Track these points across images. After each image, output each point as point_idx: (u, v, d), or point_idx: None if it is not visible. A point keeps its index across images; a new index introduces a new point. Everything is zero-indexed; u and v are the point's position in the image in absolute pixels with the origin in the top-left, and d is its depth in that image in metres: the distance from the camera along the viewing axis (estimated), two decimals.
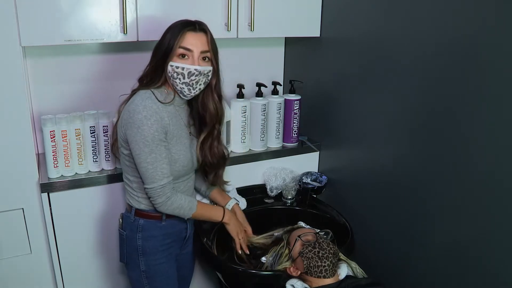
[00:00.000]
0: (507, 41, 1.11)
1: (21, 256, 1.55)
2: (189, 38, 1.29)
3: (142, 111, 1.25)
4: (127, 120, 1.28)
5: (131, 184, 1.39)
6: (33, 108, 1.65)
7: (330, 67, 1.82)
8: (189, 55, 1.29)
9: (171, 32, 1.30)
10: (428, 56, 1.35)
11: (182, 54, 1.29)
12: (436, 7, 1.30)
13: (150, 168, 1.28)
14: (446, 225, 1.36)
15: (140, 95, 1.30)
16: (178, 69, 1.29)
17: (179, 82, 1.31)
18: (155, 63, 1.32)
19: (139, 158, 1.28)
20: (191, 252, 1.59)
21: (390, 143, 1.56)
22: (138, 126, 1.25)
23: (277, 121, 1.90)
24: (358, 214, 1.72)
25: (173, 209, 1.35)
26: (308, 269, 1.31)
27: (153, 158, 1.27)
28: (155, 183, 1.29)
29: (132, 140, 1.27)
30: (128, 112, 1.28)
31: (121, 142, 1.34)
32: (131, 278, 1.46)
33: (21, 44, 1.35)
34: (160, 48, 1.31)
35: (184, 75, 1.29)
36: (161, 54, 1.30)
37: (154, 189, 1.30)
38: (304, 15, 1.80)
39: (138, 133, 1.25)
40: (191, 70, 1.29)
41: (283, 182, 1.85)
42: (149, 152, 1.26)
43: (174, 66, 1.29)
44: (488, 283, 1.25)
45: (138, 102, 1.27)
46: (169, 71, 1.30)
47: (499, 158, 1.17)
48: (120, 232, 1.44)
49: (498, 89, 1.15)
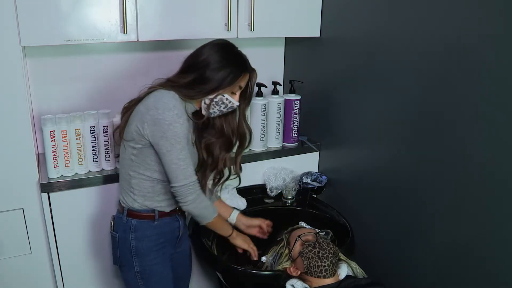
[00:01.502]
0: (507, 41, 1.11)
1: (21, 256, 1.55)
2: (246, 80, 1.37)
3: (173, 109, 1.25)
4: (154, 116, 1.25)
5: (130, 180, 1.36)
6: (33, 108, 1.65)
7: (330, 67, 1.82)
8: (237, 92, 1.37)
9: (235, 66, 1.33)
10: (429, 56, 1.35)
11: (235, 91, 1.36)
12: (436, 7, 1.30)
13: (182, 164, 1.28)
14: (446, 225, 1.36)
15: (165, 94, 1.29)
16: (226, 101, 1.34)
17: (216, 108, 1.35)
18: (205, 84, 1.32)
19: (170, 155, 1.27)
20: (186, 250, 1.59)
21: (390, 143, 1.56)
22: (170, 123, 1.24)
23: (277, 121, 1.90)
24: (358, 214, 1.72)
25: (200, 208, 1.35)
26: (308, 269, 1.31)
27: (185, 155, 1.28)
28: (187, 180, 1.29)
29: (162, 136, 1.25)
30: (156, 109, 1.25)
31: (133, 136, 1.31)
32: (126, 280, 1.45)
33: (21, 44, 1.35)
34: (217, 73, 1.31)
35: (226, 106, 1.36)
36: (217, 82, 1.31)
37: (186, 186, 1.29)
38: (304, 15, 1.80)
39: (170, 130, 1.24)
40: (234, 106, 1.37)
41: (283, 182, 1.85)
42: (180, 149, 1.27)
43: (225, 98, 1.34)
44: (488, 283, 1.25)
45: (168, 100, 1.27)
46: (217, 99, 1.33)
47: (499, 158, 1.17)
48: (112, 234, 1.42)
49: (498, 89, 1.15)
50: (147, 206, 1.38)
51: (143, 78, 1.75)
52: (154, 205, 1.38)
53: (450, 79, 1.28)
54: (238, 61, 1.35)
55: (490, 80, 1.17)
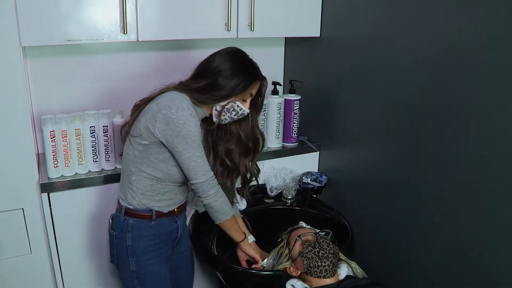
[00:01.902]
0: (508, 41, 1.11)
1: (21, 256, 1.55)
2: (257, 88, 1.40)
3: (186, 109, 1.28)
4: (167, 114, 1.26)
5: (130, 176, 1.36)
6: (33, 108, 1.65)
7: (330, 67, 1.82)
8: (248, 100, 1.40)
9: (244, 75, 1.34)
10: (429, 56, 1.35)
11: (246, 99, 1.39)
12: (436, 7, 1.30)
13: (200, 161, 1.31)
14: (446, 225, 1.36)
15: (178, 95, 1.30)
16: (238, 108, 1.37)
17: (227, 115, 1.38)
18: (218, 91, 1.33)
19: (186, 153, 1.29)
20: (187, 252, 1.59)
21: (390, 143, 1.56)
22: (184, 122, 1.26)
23: (277, 121, 1.90)
24: (358, 214, 1.72)
25: (221, 202, 1.38)
26: (308, 269, 1.31)
27: (201, 152, 1.32)
28: (206, 175, 1.33)
29: (177, 135, 1.27)
30: (169, 108, 1.26)
31: (141, 132, 1.31)
32: (122, 279, 1.45)
33: (21, 44, 1.35)
34: (230, 81, 1.32)
35: (237, 114, 1.39)
36: (230, 89, 1.33)
37: (207, 181, 1.33)
38: (304, 15, 1.80)
39: (184, 129, 1.26)
40: (245, 113, 1.40)
41: (283, 182, 1.85)
42: (197, 146, 1.30)
43: (236, 105, 1.36)
44: (488, 283, 1.25)
45: (180, 101, 1.29)
46: (229, 106, 1.36)
47: (499, 157, 1.17)
48: (110, 233, 1.43)
49: (499, 89, 1.15)
50: (145, 205, 1.38)
51: (143, 78, 1.76)
52: (151, 205, 1.38)
53: (450, 79, 1.28)
54: (249, 69, 1.37)
55: (491, 79, 1.17)
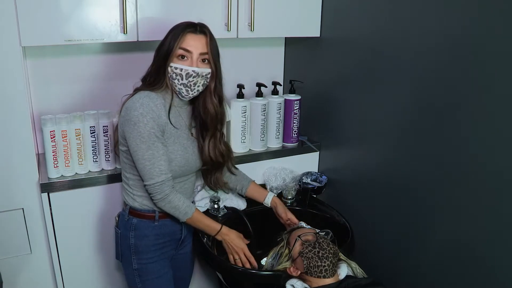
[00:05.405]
0: (507, 40, 1.11)
1: (21, 256, 1.55)
2: (189, 40, 1.30)
3: (139, 108, 1.27)
4: (124, 117, 1.30)
5: (127, 181, 1.41)
6: (33, 108, 1.65)
7: (330, 67, 1.82)
8: (188, 57, 1.31)
9: (172, 33, 1.32)
10: (429, 56, 1.35)
11: (182, 55, 1.31)
12: (436, 7, 1.30)
13: (147, 164, 1.29)
14: (446, 225, 1.36)
15: (139, 93, 1.32)
16: (177, 70, 1.31)
17: (177, 83, 1.33)
18: (157, 63, 1.34)
19: (136, 155, 1.29)
20: (189, 253, 1.60)
21: (390, 143, 1.56)
22: (135, 122, 1.27)
23: (277, 121, 1.90)
24: (358, 214, 1.72)
25: (169, 208, 1.35)
26: (308, 269, 1.31)
27: (151, 155, 1.29)
28: (153, 180, 1.30)
29: (129, 137, 1.29)
30: (126, 109, 1.30)
31: (120, 139, 1.36)
32: (126, 275, 1.49)
33: (21, 44, 1.35)
34: (161, 48, 1.33)
35: (182, 76, 1.31)
36: (162, 55, 1.32)
37: (153, 186, 1.31)
38: (304, 15, 1.80)
39: (135, 130, 1.27)
40: (189, 71, 1.31)
41: (283, 182, 1.85)
42: (146, 148, 1.28)
43: (173, 67, 1.31)
44: (489, 284, 1.25)
45: (136, 100, 1.29)
46: (169, 72, 1.32)
47: (499, 157, 1.17)
48: (116, 230, 1.46)
49: (499, 89, 1.15)
50: (147, 206, 1.39)
51: None
52: (154, 206, 1.39)
53: (450, 79, 1.28)
54: (178, 27, 1.33)
55: (491, 79, 1.17)
